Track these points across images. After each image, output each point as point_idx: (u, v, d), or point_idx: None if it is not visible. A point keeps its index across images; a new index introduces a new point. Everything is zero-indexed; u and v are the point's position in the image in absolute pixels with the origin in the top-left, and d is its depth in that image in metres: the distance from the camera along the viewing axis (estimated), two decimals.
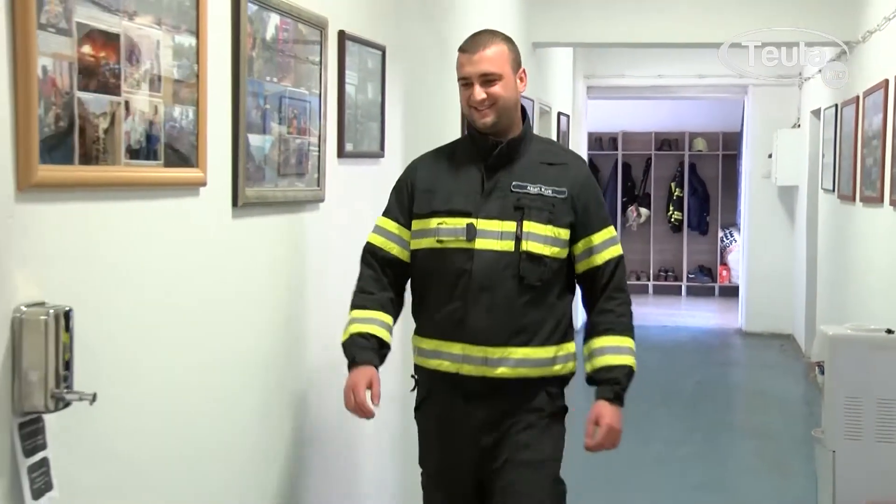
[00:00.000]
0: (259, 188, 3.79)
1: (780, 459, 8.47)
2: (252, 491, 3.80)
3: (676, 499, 7.43)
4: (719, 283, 18.91)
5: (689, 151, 18.94)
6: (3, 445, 2.42)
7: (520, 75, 4.02)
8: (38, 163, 2.48)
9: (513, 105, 3.98)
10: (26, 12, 2.41)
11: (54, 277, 2.60)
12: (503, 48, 3.95)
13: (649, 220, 19.17)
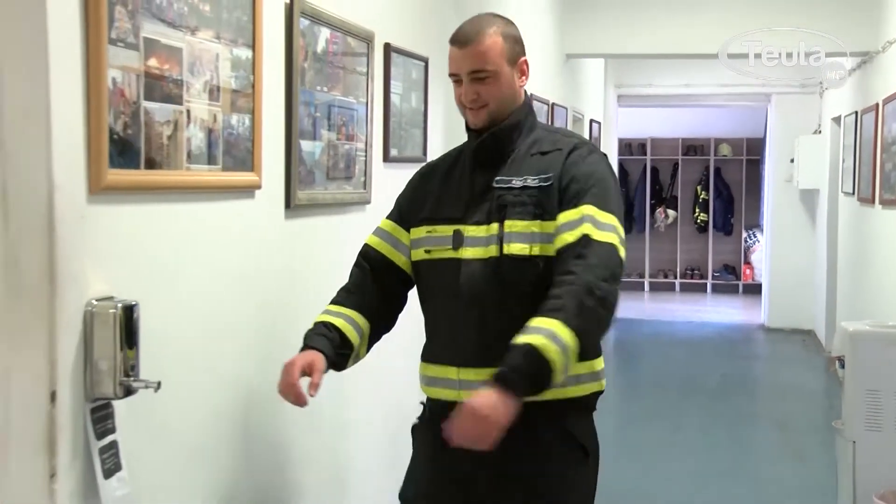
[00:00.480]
0: (310, 191, 3.82)
1: (801, 449, 8.44)
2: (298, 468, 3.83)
3: (702, 485, 7.42)
4: (743, 281, 18.83)
5: (714, 156, 18.86)
6: (77, 429, 2.47)
7: (520, 67, 3.34)
8: (108, 167, 2.53)
9: (510, 102, 3.29)
10: (98, 28, 2.46)
11: (122, 274, 2.64)
12: (497, 40, 3.24)
13: (676, 221, 19.12)
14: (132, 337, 2.55)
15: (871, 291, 9.33)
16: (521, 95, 3.38)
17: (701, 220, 19.08)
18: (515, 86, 3.33)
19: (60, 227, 2.39)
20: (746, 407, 10.22)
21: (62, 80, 2.38)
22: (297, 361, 3.10)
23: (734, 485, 7.46)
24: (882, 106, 8.70)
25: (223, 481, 3.22)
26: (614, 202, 3.17)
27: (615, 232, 3.06)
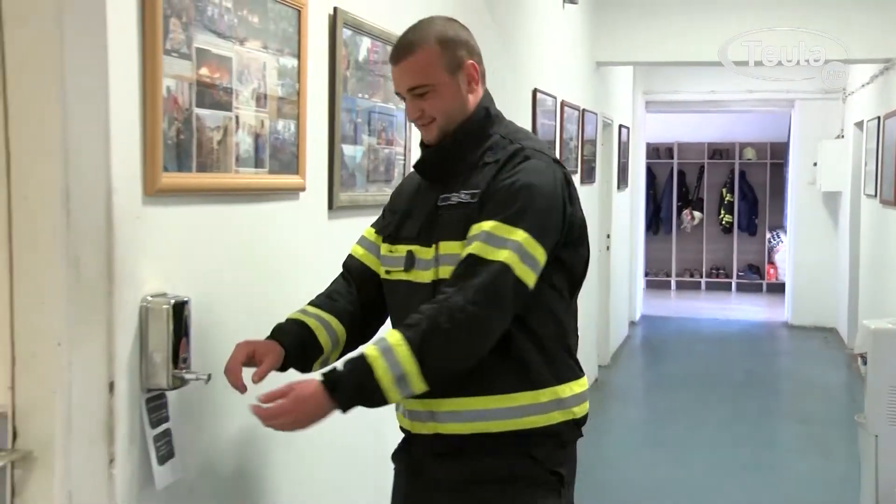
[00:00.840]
0: (351, 193, 3.84)
1: (824, 443, 8.40)
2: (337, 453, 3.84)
3: (726, 477, 7.41)
4: (767, 280, 18.74)
5: (739, 160, 18.79)
6: (133, 418, 2.51)
7: (466, 73, 2.89)
8: (162, 171, 2.57)
9: (459, 112, 2.88)
10: (154, 40, 2.50)
11: (174, 271, 2.67)
12: (431, 50, 2.82)
13: (702, 222, 19.04)
14: (184, 331, 2.58)
15: (893, 290, 9.30)
16: (472, 103, 2.91)
17: (726, 222, 19.01)
18: (462, 94, 2.89)
19: (118, 228, 2.42)
20: (770, 402, 10.19)
21: (120, 88, 2.42)
22: (241, 348, 2.78)
23: (758, 477, 7.44)
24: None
25: (268, 468, 3.25)
26: (531, 215, 2.69)
27: (515, 249, 2.62)
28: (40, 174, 2.34)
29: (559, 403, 2.79)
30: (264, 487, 3.24)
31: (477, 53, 2.99)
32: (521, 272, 2.64)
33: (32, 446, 2.38)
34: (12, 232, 2.35)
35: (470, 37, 3.00)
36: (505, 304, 2.64)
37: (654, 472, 7.48)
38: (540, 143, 3.07)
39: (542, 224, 2.71)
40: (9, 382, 2.36)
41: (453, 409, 2.78)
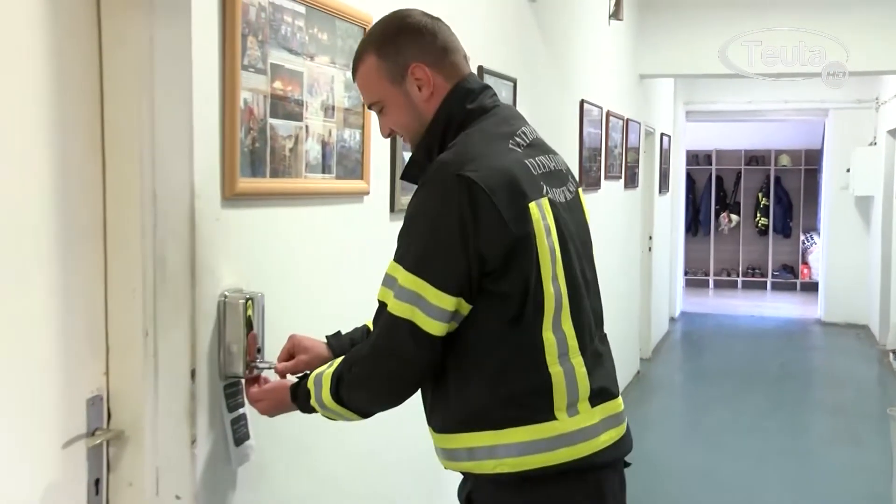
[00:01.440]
0: (410, 196, 3.83)
1: (855, 433, 8.32)
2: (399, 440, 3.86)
3: (762, 463, 7.37)
4: (801, 280, 18.56)
5: (774, 166, 18.64)
6: (213, 403, 2.56)
7: (415, 77, 2.38)
8: (239, 176, 2.62)
9: (419, 122, 2.41)
10: (233, 57, 2.56)
11: (250, 269, 2.72)
12: (369, 63, 2.41)
13: (739, 225, 18.91)
14: (258, 324, 2.62)
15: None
16: (429, 111, 2.41)
17: (762, 224, 18.88)
18: (417, 103, 2.40)
19: (199, 229, 2.47)
20: (804, 394, 10.12)
21: (202, 101, 2.47)
22: (292, 341, 2.68)
23: (792, 464, 7.40)
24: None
25: (333, 451, 3.29)
26: (408, 246, 2.26)
27: (388, 286, 2.25)
28: (130, 179, 2.38)
29: (490, 452, 2.24)
30: (330, 468, 3.27)
31: (433, 50, 2.40)
32: (423, 322, 2.17)
33: (124, 426, 2.42)
34: (106, 233, 2.39)
35: (422, 31, 2.41)
36: (404, 353, 2.22)
37: (694, 458, 7.46)
38: (466, 148, 2.29)
39: (436, 261, 2.19)
40: (104, 369, 2.41)
41: (434, 442, 2.44)
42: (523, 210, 2.20)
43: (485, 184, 2.16)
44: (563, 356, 2.24)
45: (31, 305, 2.21)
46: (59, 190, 2.27)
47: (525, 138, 2.41)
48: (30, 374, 2.21)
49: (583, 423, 2.25)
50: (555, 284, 2.24)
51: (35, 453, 2.24)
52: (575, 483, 2.25)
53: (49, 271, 2.25)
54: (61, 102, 2.26)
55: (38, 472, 2.25)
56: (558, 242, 2.27)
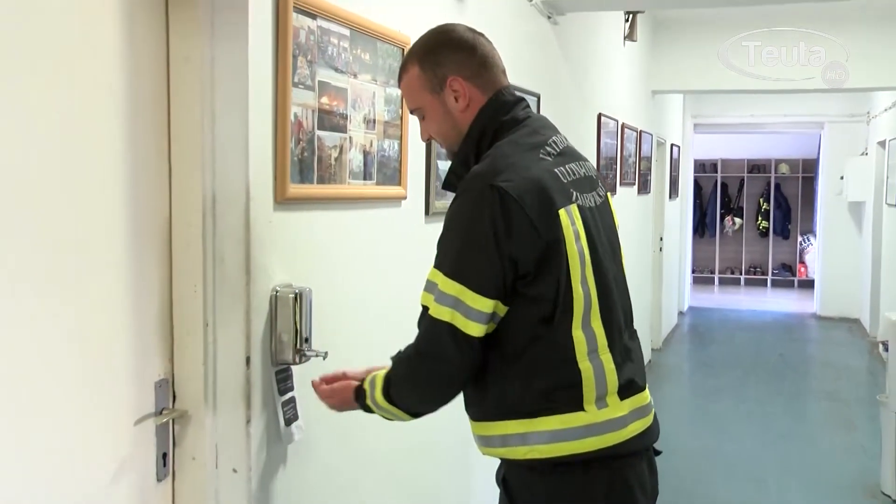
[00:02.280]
0: (444, 201, 3.82)
1: (848, 418, 8.27)
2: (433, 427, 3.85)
3: (762, 446, 7.34)
4: (798, 278, 18.44)
5: (774, 174, 18.53)
6: (265, 386, 2.57)
7: (453, 89, 2.34)
8: (290, 182, 2.62)
9: (455, 132, 2.39)
10: (285, 75, 2.56)
11: (299, 266, 2.72)
12: (412, 73, 2.39)
13: (742, 227, 18.81)
14: (306, 316, 2.62)
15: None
16: (464, 121, 2.37)
17: (763, 227, 18.78)
18: (454, 113, 2.37)
19: (253, 230, 2.47)
20: (801, 382, 10.06)
21: (257, 115, 2.47)
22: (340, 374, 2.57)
23: (790, 447, 7.36)
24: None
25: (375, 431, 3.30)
26: (454, 258, 2.17)
27: (429, 291, 2.19)
28: (193, 185, 2.41)
29: (522, 438, 2.20)
30: (371, 447, 3.27)
31: (470, 64, 2.36)
32: (462, 325, 2.12)
33: (187, 406, 2.47)
34: (172, 235, 2.43)
35: (461, 46, 2.38)
36: (446, 354, 2.16)
37: (701, 440, 7.44)
38: (498, 159, 2.23)
39: (473, 266, 2.14)
40: (169, 355, 2.45)
41: (472, 429, 2.38)
42: (553, 217, 2.16)
43: (516, 193, 2.12)
44: (593, 353, 2.20)
45: (107, 300, 2.25)
46: (132, 197, 2.30)
47: (555, 147, 2.35)
48: (106, 361, 2.25)
49: (611, 414, 2.21)
50: (584, 286, 2.19)
51: (111, 430, 2.28)
52: (602, 470, 2.21)
53: (122, 270, 2.29)
54: (134, 116, 2.29)
55: (114, 446, 2.29)
56: (587, 246, 2.22)
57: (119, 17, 2.24)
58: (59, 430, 2.11)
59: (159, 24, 2.39)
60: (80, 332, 2.16)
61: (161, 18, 2.40)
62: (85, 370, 2.18)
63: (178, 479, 2.50)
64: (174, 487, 2.50)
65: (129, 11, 2.27)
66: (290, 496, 2.74)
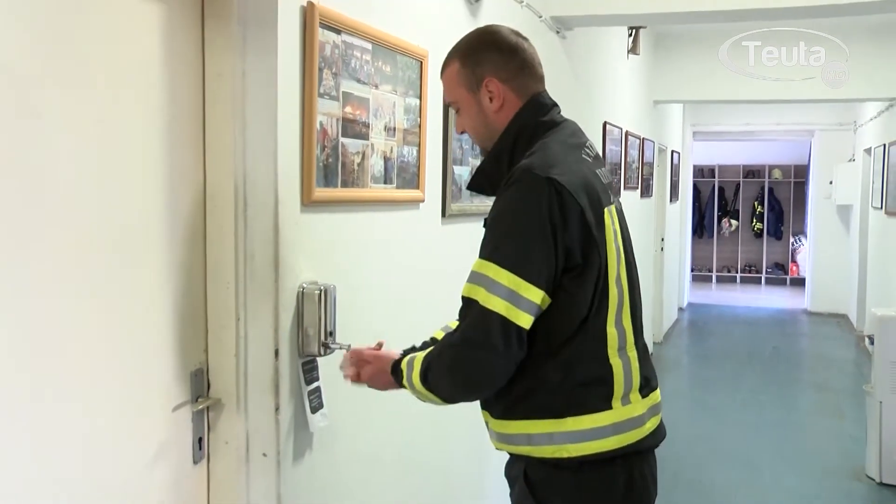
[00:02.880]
0: (459, 204, 3.87)
1: (836, 407, 8.24)
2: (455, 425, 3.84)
3: (757, 432, 7.32)
4: (790, 276, 18.37)
5: (768, 179, 18.47)
6: (293, 377, 2.58)
7: (488, 89, 2.25)
8: (316, 186, 2.62)
9: (488, 129, 2.28)
10: (311, 86, 2.57)
11: (324, 264, 2.72)
12: (453, 68, 2.30)
13: (738, 228, 18.76)
14: (331, 311, 2.62)
15: (894, 284, 9.13)
16: (500, 121, 2.26)
17: (757, 228, 18.71)
18: (486, 112, 2.27)
19: (282, 231, 2.48)
20: (792, 373, 10.03)
21: (285, 124, 2.48)
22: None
23: (782, 433, 7.34)
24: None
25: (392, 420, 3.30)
26: (506, 249, 2.04)
27: (478, 283, 2.04)
28: (226, 190, 2.42)
29: (549, 438, 2.12)
30: (389, 435, 3.28)
31: (508, 67, 2.27)
32: (513, 316, 1.99)
33: (221, 395, 2.48)
34: (206, 234, 2.44)
35: (502, 48, 2.28)
36: (492, 344, 2.01)
37: (699, 428, 7.41)
38: (548, 155, 2.13)
39: (530, 256, 2.01)
40: (204, 347, 2.46)
41: (487, 424, 2.30)
42: (601, 214, 2.10)
43: (571, 187, 2.03)
44: (622, 349, 2.13)
45: (147, 296, 2.26)
46: (170, 200, 2.31)
47: (591, 151, 2.29)
48: (146, 352, 2.26)
49: (634, 412, 2.15)
50: (618, 284, 2.13)
51: (152, 416, 2.30)
52: (622, 466, 2.14)
53: (161, 268, 2.30)
54: (172, 126, 2.31)
55: (155, 431, 2.31)
56: (622, 247, 2.18)
57: (160, 36, 2.26)
58: (105, 416, 2.13)
59: (195, 41, 2.40)
60: (125, 325, 2.18)
61: (197, 36, 2.41)
62: (129, 361, 2.20)
63: (213, 462, 2.51)
64: (209, 469, 2.52)
65: (168, 31, 2.29)
66: (316, 478, 2.74)
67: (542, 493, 2.16)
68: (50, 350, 1.95)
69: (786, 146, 18.00)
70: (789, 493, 5.94)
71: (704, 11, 5.22)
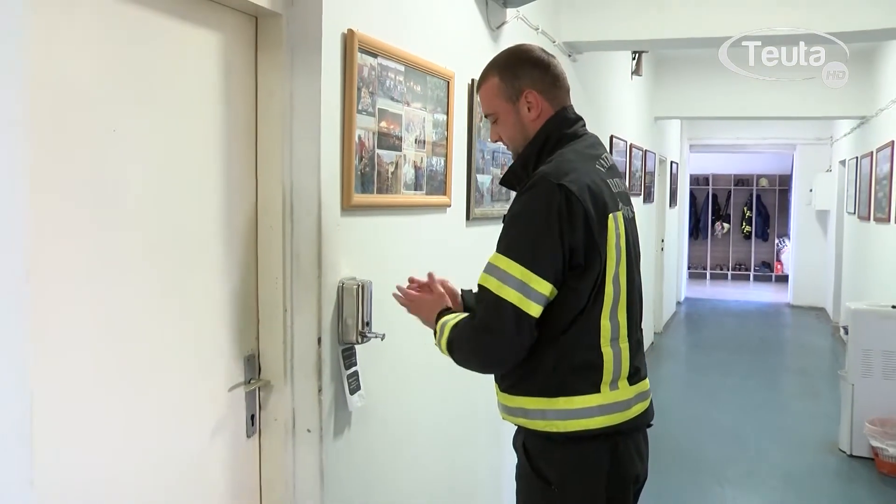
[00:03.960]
0: (482, 208, 3.85)
1: (814, 389, 8.19)
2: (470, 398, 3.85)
3: (744, 412, 7.27)
4: (775, 273, 18.26)
5: (756, 187, 18.36)
6: (333, 362, 2.57)
7: (527, 100, 2.24)
8: (354, 192, 2.61)
9: (522, 137, 2.26)
10: (351, 104, 2.56)
11: (361, 262, 2.71)
12: (492, 82, 2.27)
13: (729, 231, 18.67)
14: (367, 303, 2.61)
15: (866, 280, 9.06)
16: (533, 129, 2.26)
17: (746, 231, 18.60)
18: (524, 121, 2.25)
19: (324, 232, 2.47)
20: (776, 359, 9.97)
21: (328, 137, 2.47)
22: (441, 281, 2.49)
23: (768, 413, 7.30)
24: (875, 153, 8.54)
25: (419, 400, 3.29)
26: (519, 245, 2.04)
27: (507, 280, 2.01)
28: (275, 196, 2.42)
29: (542, 413, 2.12)
30: (415, 414, 3.27)
31: (544, 80, 2.26)
32: (524, 305, 2.00)
33: (270, 377, 2.48)
34: (258, 236, 2.45)
35: (537, 63, 2.28)
36: (503, 330, 2.03)
37: (694, 409, 7.38)
38: (563, 163, 2.12)
39: (540, 252, 2.02)
40: (256, 335, 2.47)
41: (497, 397, 2.29)
42: (605, 218, 2.08)
43: (579, 192, 2.03)
44: (614, 340, 2.12)
45: (208, 291, 2.28)
46: (227, 206, 2.33)
47: (606, 162, 2.26)
48: (208, 340, 2.28)
49: (620, 397, 2.14)
50: (615, 283, 2.10)
51: (211, 396, 2.32)
52: (607, 442, 2.13)
53: (220, 266, 2.32)
54: (230, 139, 2.32)
55: (214, 408, 2.33)
56: (624, 249, 2.15)
57: (219, 61, 2.29)
58: (172, 396, 2.16)
59: (249, 65, 2.42)
60: (190, 316, 2.21)
61: (251, 61, 2.42)
62: (193, 348, 2.23)
63: (264, 436, 2.52)
64: (260, 443, 2.52)
65: (226, 56, 2.31)
66: (353, 452, 2.73)
67: (537, 462, 2.17)
68: (130, 338, 2.01)
69: (771, 158, 17.89)
70: (772, 464, 5.93)
71: (698, 38, 5.20)
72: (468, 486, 3.85)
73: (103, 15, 1.90)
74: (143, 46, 2.02)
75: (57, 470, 1.80)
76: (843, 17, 4.91)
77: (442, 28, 3.39)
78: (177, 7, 2.13)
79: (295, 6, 2.43)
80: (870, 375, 5.97)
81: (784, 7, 4.97)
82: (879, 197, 8.17)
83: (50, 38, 1.75)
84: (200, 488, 2.29)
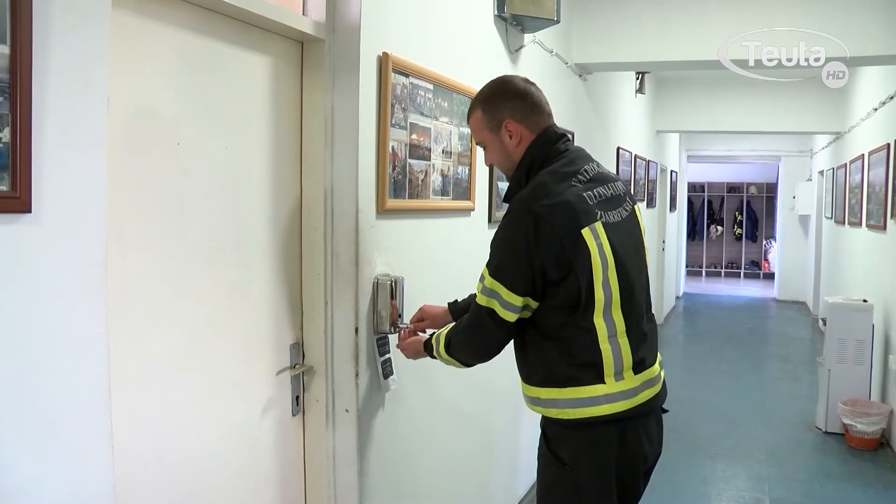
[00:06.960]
0: (502, 212, 3.76)
1: (796, 374, 8.11)
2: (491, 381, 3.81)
3: (735, 396, 7.21)
4: (763, 271, 18.10)
5: (746, 193, 18.20)
6: (369, 349, 2.55)
7: (507, 129, 2.19)
8: (388, 198, 2.59)
9: (509, 164, 2.22)
10: (385, 118, 2.54)
11: (394, 260, 2.69)
12: (477, 115, 2.24)
13: (722, 233, 18.53)
14: (399, 297, 2.60)
15: (842, 277, 8.99)
16: (517, 154, 2.21)
17: (737, 233, 18.44)
18: (508, 148, 2.21)
19: (361, 234, 2.46)
20: (763, 348, 9.88)
21: (364, 148, 2.45)
22: (423, 308, 2.60)
23: (754, 396, 7.24)
24: (848, 164, 8.49)
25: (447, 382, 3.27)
26: (498, 265, 2.06)
27: (490, 293, 2.07)
28: (317, 200, 2.42)
29: (553, 402, 2.11)
30: (444, 394, 3.24)
31: (523, 108, 2.20)
32: (499, 311, 2.06)
33: (313, 363, 2.47)
34: (302, 237, 2.44)
35: (515, 94, 2.22)
36: (486, 333, 2.11)
37: (691, 392, 7.32)
38: (538, 187, 2.08)
39: (508, 271, 2.04)
40: (300, 325, 2.46)
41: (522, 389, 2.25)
42: (577, 234, 2.00)
43: (548, 215, 1.99)
44: (612, 337, 2.06)
45: (261, 286, 2.28)
46: (275, 209, 2.33)
47: (586, 174, 2.14)
48: (258, 329, 2.28)
49: (625, 386, 2.09)
50: (605, 286, 2.04)
51: (262, 378, 2.32)
52: (616, 427, 2.09)
53: (269, 263, 2.31)
54: (278, 149, 2.33)
55: (264, 390, 2.33)
56: (611, 254, 2.05)
57: (269, 81, 2.29)
58: (230, 378, 2.18)
59: (296, 84, 2.41)
60: (244, 308, 2.22)
61: (297, 80, 2.42)
62: (245, 336, 2.23)
63: (307, 415, 2.51)
64: (304, 421, 2.52)
65: (275, 77, 2.31)
66: (387, 430, 2.72)
67: (554, 445, 2.15)
68: (196, 329, 2.03)
69: (760, 168, 17.73)
70: (758, 440, 5.90)
71: (695, 60, 5.16)
72: (486, 463, 3.82)
73: (175, 44, 1.94)
74: (207, 70, 2.05)
75: (134, 440, 1.83)
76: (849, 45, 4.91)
77: (467, 50, 3.36)
78: (235, 36, 2.16)
79: (336, 32, 2.41)
80: (844, 361, 6.02)
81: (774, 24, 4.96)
82: (853, 203, 8.13)
83: (131, 67, 1.80)
84: (254, 459, 2.30)
